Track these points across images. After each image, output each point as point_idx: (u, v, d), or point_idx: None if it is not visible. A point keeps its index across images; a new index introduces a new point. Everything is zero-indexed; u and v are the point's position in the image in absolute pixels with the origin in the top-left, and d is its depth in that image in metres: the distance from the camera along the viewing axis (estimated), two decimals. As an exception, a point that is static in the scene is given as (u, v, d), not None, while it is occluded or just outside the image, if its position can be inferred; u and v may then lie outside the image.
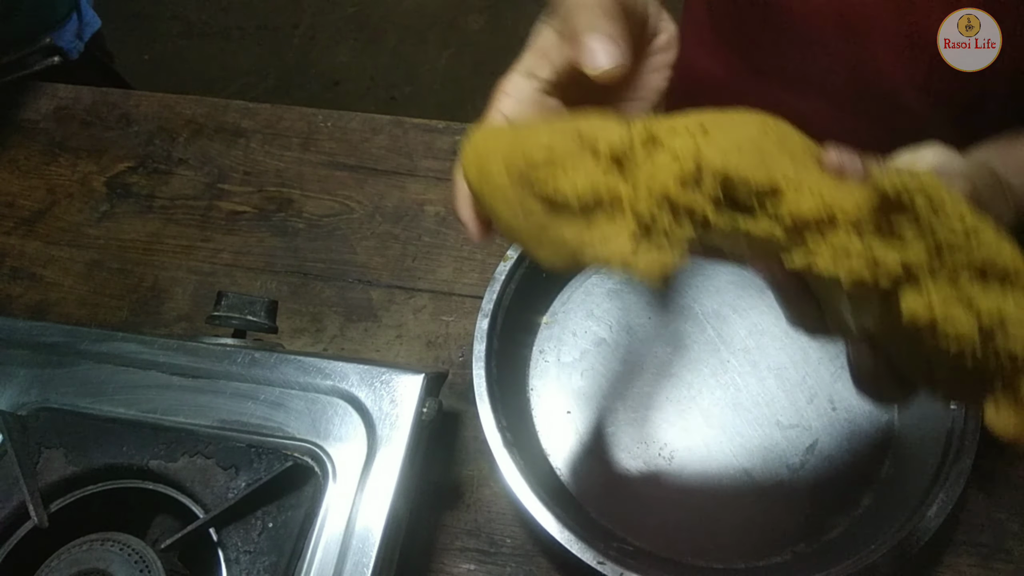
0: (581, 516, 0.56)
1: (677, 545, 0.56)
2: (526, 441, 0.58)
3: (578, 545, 0.50)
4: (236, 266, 0.71)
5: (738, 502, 0.57)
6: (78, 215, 0.74)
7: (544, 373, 0.63)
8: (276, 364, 0.52)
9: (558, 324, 0.65)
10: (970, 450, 0.52)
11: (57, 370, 0.53)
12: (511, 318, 0.61)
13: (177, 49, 2.06)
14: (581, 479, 0.59)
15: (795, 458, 0.58)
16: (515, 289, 0.62)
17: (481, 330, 0.58)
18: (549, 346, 0.65)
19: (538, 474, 0.55)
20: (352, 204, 0.74)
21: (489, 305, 0.60)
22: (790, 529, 0.56)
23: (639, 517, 0.57)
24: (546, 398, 0.62)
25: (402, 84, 1.97)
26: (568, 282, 0.67)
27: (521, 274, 0.62)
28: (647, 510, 0.58)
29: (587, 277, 0.67)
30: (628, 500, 0.58)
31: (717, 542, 0.56)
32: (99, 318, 0.68)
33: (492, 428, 0.54)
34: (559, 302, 0.66)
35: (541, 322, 0.66)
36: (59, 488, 0.48)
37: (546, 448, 0.60)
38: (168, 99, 0.81)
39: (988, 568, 0.55)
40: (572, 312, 0.66)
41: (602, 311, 0.65)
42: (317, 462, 0.49)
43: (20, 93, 0.82)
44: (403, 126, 0.78)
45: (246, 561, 0.46)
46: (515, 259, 0.62)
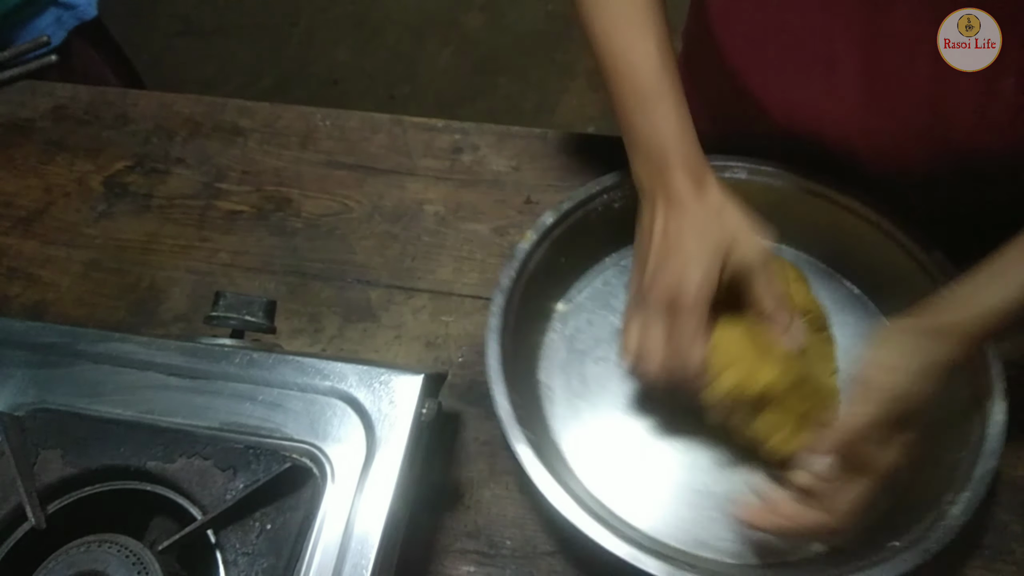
0: (596, 507, 0.56)
1: (690, 538, 0.56)
2: (535, 423, 0.58)
3: (600, 533, 0.50)
4: (234, 266, 0.70)
5: (753, 496, 0.57)
6: (75, 215, 0.74)
7: (556, 358, 0.63)
8: (274, 365, 0.52)
9: (574, 312, 0.65)
10: (995, 452, 0.51)
11: (54, 370, 0.52)
12: (527, 302, 0.61)
13: (175, 48, 2.05)
14: (591, 467, 0.59)
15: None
16: (532, 272, 0.61)
17: (497, 306, 0.58)
18: (564, 333, 0.64)
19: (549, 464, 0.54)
20: (351, 203, 0.73)
21: (507, 281, 0.59)
22: None
23: (652, 508, 0.57)
24: (557, 384, 0.62)
25: (401, 83, 1.97)
26: (587, 271, 0.67)
27: (540, 257, 0.62)
28: (659, 502, 0.57)
29: (606, 268, 0.67)
30: (640, 491, 0.58)
31: (732, 538, 0.56)
32: (96, 318, 0.68)
33: (504, 402, 0.54)
34: (576, 290, 0.66)
35: (557, 308, 0.65)
36: (56, 489, 0.48)
37: (556, 434, 0.60)
38: (166, 98, 0.81)
39: (991, 570, 0.54)
40: (589, 301, 0.66)
41: (619, 302, 0.65)
42: (316, 463, 0.49)
43: (17, 92, 0.82)
44: (402, 125, 0.78)
45: (244, 563, 0.45)
46: (535, 240, 0.61)
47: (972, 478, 0.51)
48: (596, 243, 0.66)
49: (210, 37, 2.07)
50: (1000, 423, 0.52)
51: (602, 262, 0.67)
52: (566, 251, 0.64)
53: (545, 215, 0.62)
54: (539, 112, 1.89)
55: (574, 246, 0.64)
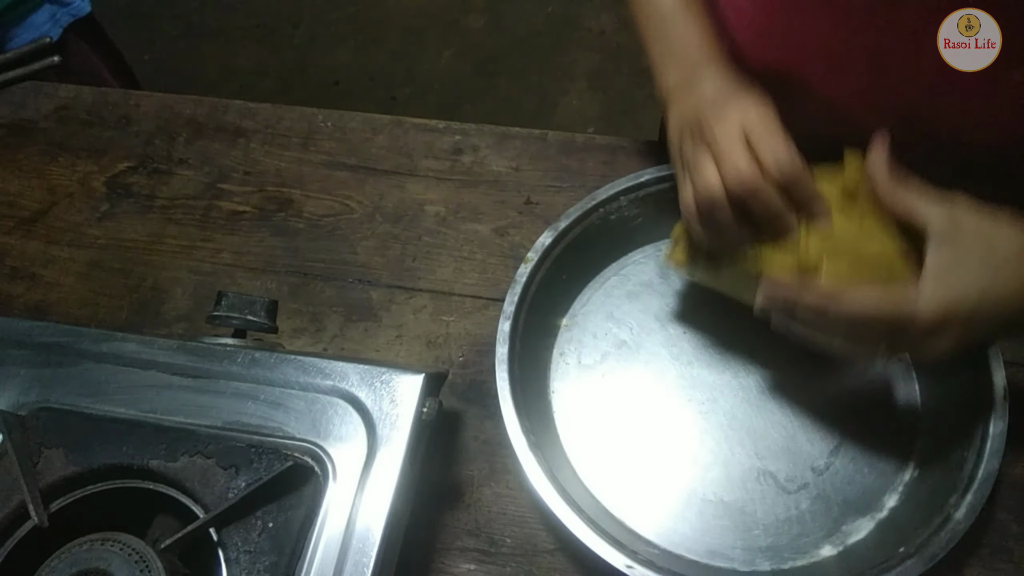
0: (606, 518, 0.56)
1: (701, 547, 0.56)
2: (549, 444, 0.58)
3: (605, 548, 0.50)
4: (236, 266, 0.71)
5: (762, 504, 0.57)
6: (78, 215, 0.74)
7: (565, 376, 0.63)
8: (276, 364, 0.52)
9: (578, 326, 0.65)
10: (998, 453, 0.52)
11: (57, 370, 0.52)
12: (530, 320, 0.61)
13: (177, 49, 2.06)
14: (604, 481, 0.59)
15: (820, 460, 0.58)
16: (534, 291, 0.61)
17: (503, 332, 0.58)
18: (569, 348, 0.64)
19: (562, 477, 0.54)
20: (352, 204, 0.74)
21: (511, 307, 0.59)
22: (815, 531, 0.56)
23: (662, 519, 0.57)
24: (568, 401, 0.62)
25: (402, 84, 1.97)
26: (587, 284, 0.67)
27: (541, 276, 0.62)
28: (670, 511, 0.57)
29: (606, 279, 0.67)
30: (651, 501, 0.58)
31: (741, 544, 0.56)
32: (99, 318, 0.68)
33: (517, 431, 0.54)
34: (579, 303, 0.66)
35: (561, 324, 0.65)
36: (59, 488, 0.48)
37: (568, 451, 0.60)
38: (168, 99, 0.81)
39: (989, 568, 0.55)
40: (592, 314, 0.66)
41: (622, 313, 0.65)
42: (317, 462, 0.49)
43: (20, 93, 0.82)
44: (403, 126, 0.78)
45: (246, 561, 0.46)
46: (535, 261, 0.61)
47: (976, 479, 0.51)
48: (595, 256, 0.67)
49: (212, 39, 2.07)
50: (1002, 423, 0.53)
51: (602, 274, 0.67)
52: (567, 268, 0.64)
53: (544, 235, 0.63)
54: (539, 113, 1.89)
55: (574, 262, 0.64)
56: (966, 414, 0.55)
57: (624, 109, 1.87)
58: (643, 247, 0.68)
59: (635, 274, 0.67)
